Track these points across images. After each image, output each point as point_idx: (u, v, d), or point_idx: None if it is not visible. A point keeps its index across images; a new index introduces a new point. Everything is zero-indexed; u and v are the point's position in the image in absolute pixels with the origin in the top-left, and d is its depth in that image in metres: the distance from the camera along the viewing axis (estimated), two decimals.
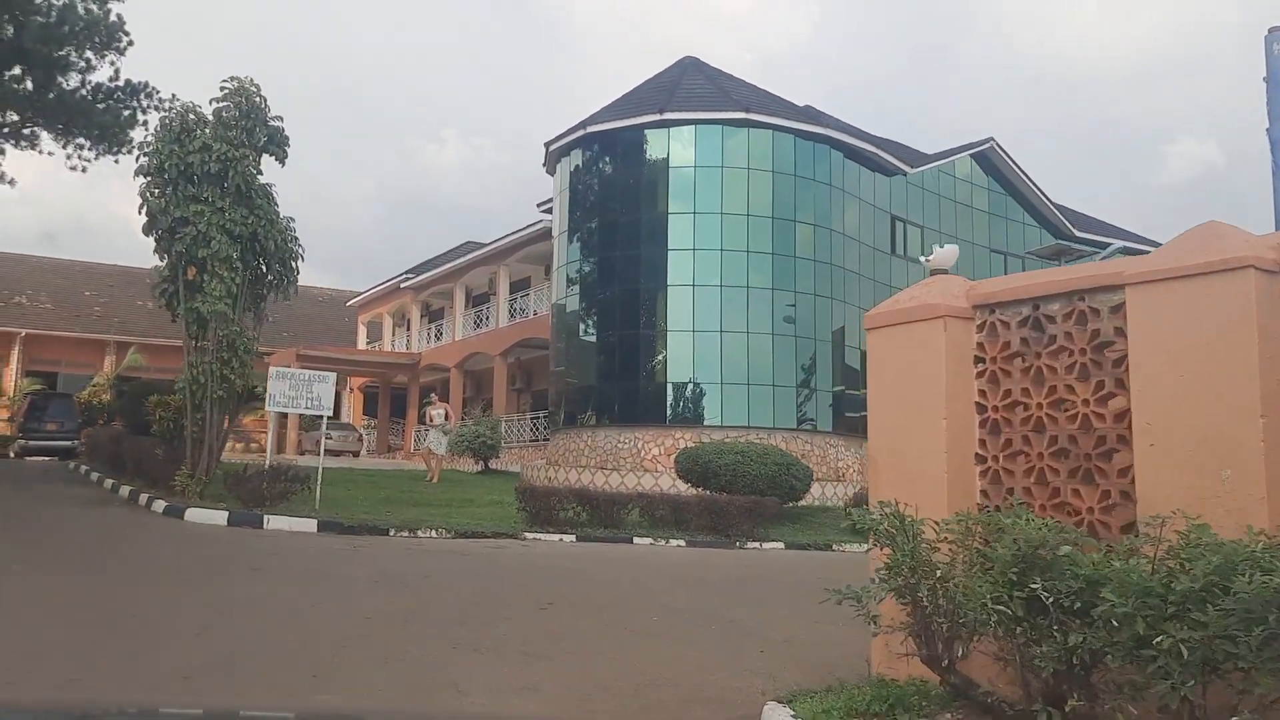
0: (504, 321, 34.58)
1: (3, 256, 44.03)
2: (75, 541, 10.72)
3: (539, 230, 31.95)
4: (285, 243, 15.30)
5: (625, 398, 24.87)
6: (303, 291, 51.28)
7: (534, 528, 15.57)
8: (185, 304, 14.70)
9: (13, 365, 39.80)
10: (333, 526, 14.02)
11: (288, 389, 15.05)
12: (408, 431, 39.77)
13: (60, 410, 28.97)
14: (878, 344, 5.53)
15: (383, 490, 19.54)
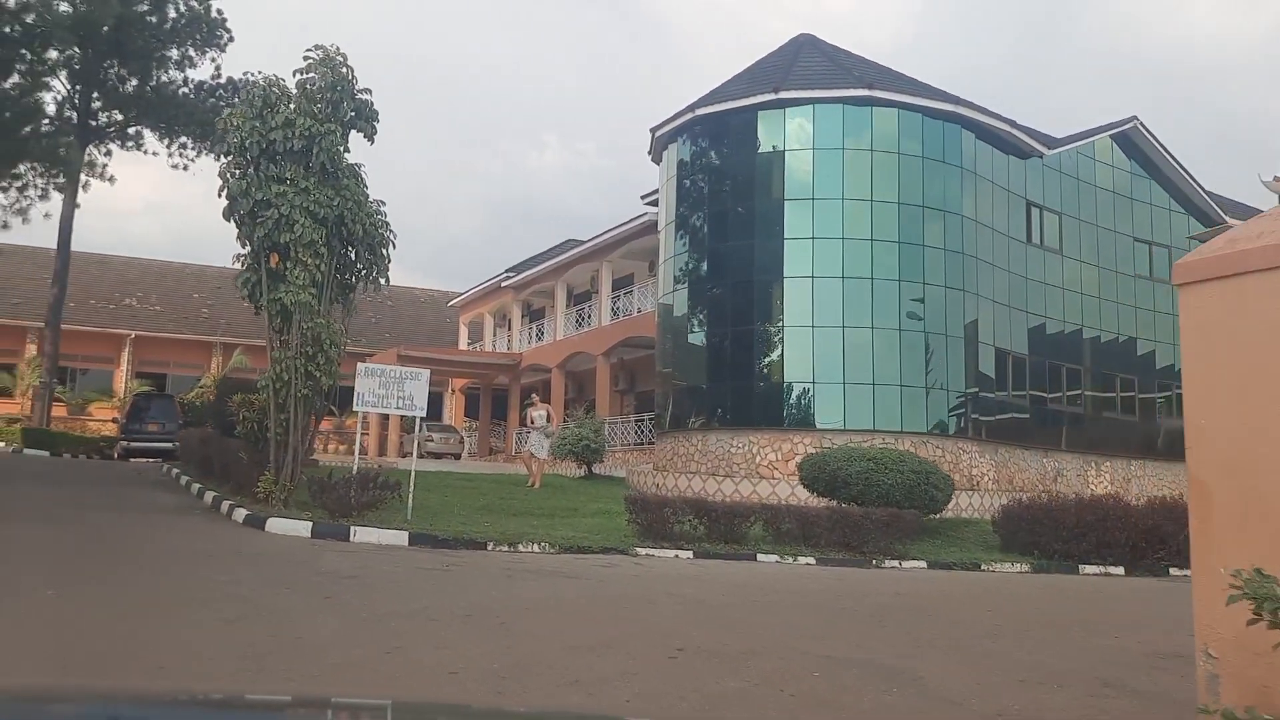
0: (606, 320, 33.02)
1: (115, 260, 44.32)
2: (134, 558, 9.34)
3: (643, 224, 30.30)
4: (375, 227, 13.87)
5: (738, 399, 22.99)
6: (404, 293, 50.83)
7: (646, 542, 13.85)
8: (268, 295, 13.37)
9: (123, 367, 39.83)
10: (425, 540, 12.51)
11: (377, 387, 13.60)
12: (509, 434, 38.52)
13: (161, 411, 28.37)
14: (1206, 304, 3.58)
15: (481, 497, 18.06)
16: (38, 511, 12.37)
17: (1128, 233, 28.85)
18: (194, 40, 29.83)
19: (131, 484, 16.96)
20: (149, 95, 29.97)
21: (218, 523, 12.73)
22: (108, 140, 31.59)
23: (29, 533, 10.40)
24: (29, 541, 9.76)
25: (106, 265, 43.04)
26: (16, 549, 9.28)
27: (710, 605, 9.19)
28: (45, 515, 12.06)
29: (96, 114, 30.60)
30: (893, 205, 22.68)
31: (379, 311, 46.76)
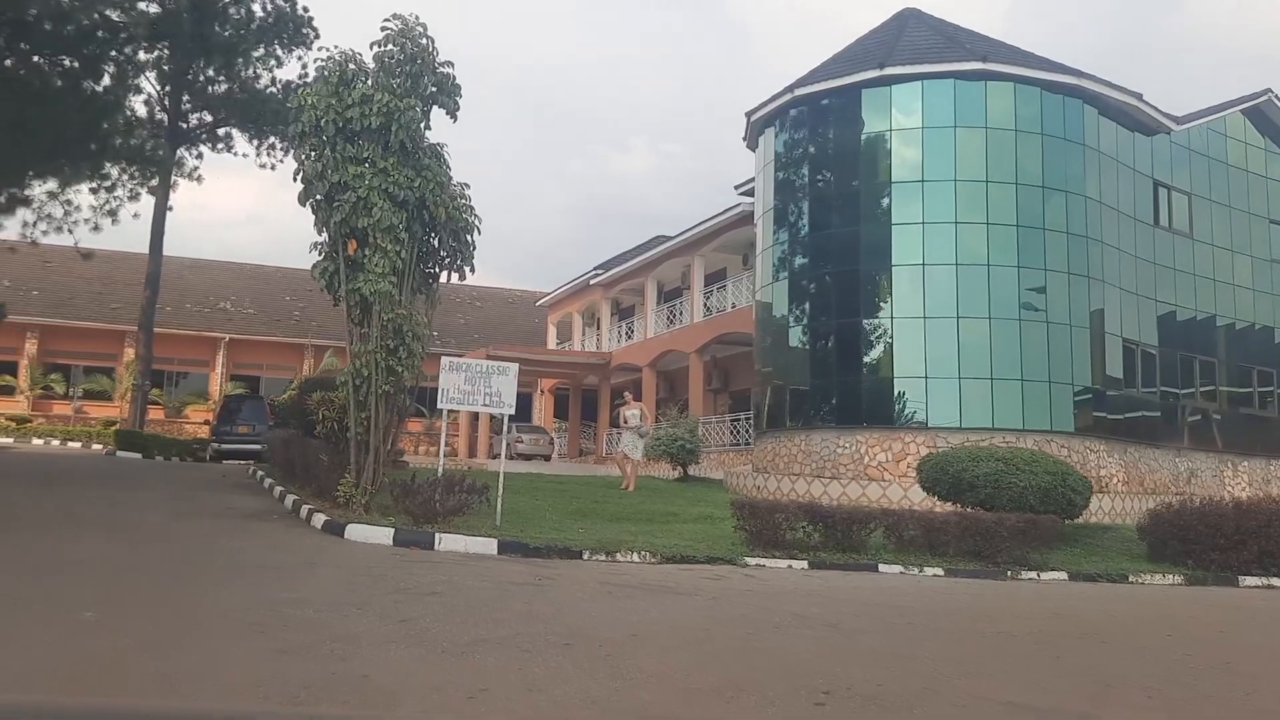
0: (699, 316, 31.70)
1: (209, 264, 44.53)
2: (194, 572, 8.35)
3: (737, 215, 28.93)
4: (458, 211, 12.78)
5: (843, 396, 21.46)
6: (491, 293, 50.22)
7: (755, 551, 12.52)
8: (346, 285, 12.38)
9: (218, 369, 39.87)
10: (515, 548, 11.36)
11: (462, 383, 12.51)
12: (599, 434, 37.48)
13: (252, 413, 27.94)
14: None
15: (574, 500, 16.90)
16: (106, 517, 11.57)
17: (1263, 214, 26.51)
18: (280, 39, 29.38)
19: (213, 487, 16.21)
20: (237, 96, 29.63)
21: (294, 529, 11.76)
22: (199, 143, 31.40)
23: (89, 542, 9.51)
24: (86, 552, 8.86)
25: (201, 270, 43.25)
26: (70, 561, 8.36)
27: (844, 630, 7.81)
28: (112, 522, 11.24)
29: (187, 115, 30.40)
30: (1009, 186, 20.94)
31: (467, 312, 46.23)
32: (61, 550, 8.89)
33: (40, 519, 11.06)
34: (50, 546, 9.05)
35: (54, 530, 10.18)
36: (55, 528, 10.36)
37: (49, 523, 10.76)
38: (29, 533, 9.92)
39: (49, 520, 10.96)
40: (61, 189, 22.77)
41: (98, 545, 9.30)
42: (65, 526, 10.50)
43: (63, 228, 24.70)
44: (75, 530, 10.28)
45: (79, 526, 10.55)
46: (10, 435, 33.42)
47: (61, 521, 10.89)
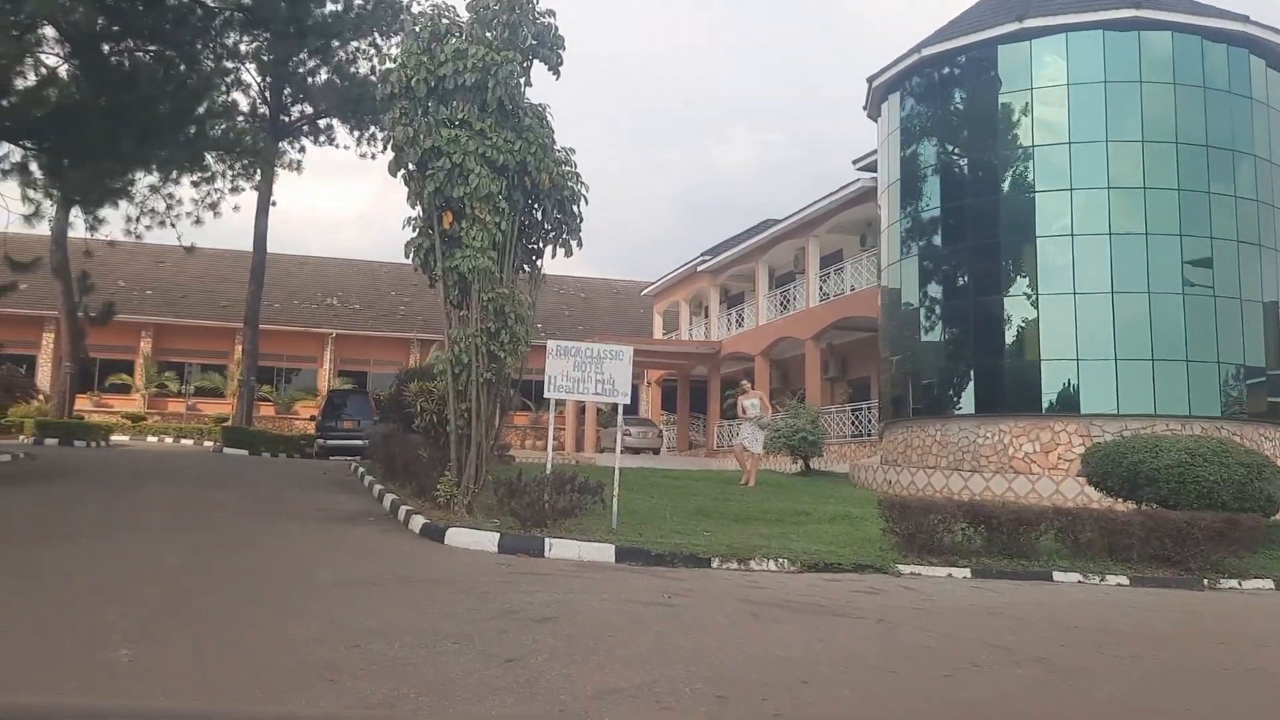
0: (814, 301, 29.86)
1: (316, 260, 44.41)
2: (267, 591, 7.10)
3: (855, 192, 27.04)
4: (564, 179, 11.38)
5: (983, 382, 19.47)
6: (595, 284, 49.05)
7: (908, 557, 10.83)
8: (443, 262, 11.10)
9: (325, 365, 39.58)
10: (635, 555, 9.92)
11: (571, 369, 11.10)
12: (710, 426, 35.94)
13: (357, 408, 27.17)
14: None
15: (692, 498, 15.42)
16: (187, 521, 10.51)
17: None
18: (379, 26, 28.52)
19: (309, 486, 15.20)
20: (337, 85, 28.92)
21: (390, 534, 10.52)
22: (300, 136, 30.87)
23: (157, 551, 8.39)
24: (150, 565, 7.71)
25: (308, 266, 43.12)
26: (131, 577, 7.20)
27: (1063, 669, 6.11)
28: (193, 525, 10.17)
29: (288, 108, 29.86)
30: (1168, 146, 18.67)
31: (570, 303, 45.20)
32: (125, 562, 7.76)
33: (116, 522, 10.05)
34: (113, 558, 7.93)
35: (126, 536, 9.11)
36: (127, 533, 9.30)
37: (123, 527, 9.73)
38: (98, 541, 8.86)
39: (124, 524, 9.93)
40: (162, 181, 22.25)
41: (167, 556, 8.16)
42: (139, 532, 9.43)
43: (165, 222, 24.33)
44: (148, 536, 9.20)
45: (153, 532, 9.48)
46: (127, 433, 33.51)
47: (137, 525, 9.85)
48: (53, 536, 8.88)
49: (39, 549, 8.08)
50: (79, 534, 9.12)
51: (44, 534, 9.06)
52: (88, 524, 9.88)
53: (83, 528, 9.55)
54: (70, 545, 8.44)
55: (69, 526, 9.61)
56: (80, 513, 10.77)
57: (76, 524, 9.80)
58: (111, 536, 9.02)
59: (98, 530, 9.42)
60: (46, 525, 9.69)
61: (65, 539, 8.76)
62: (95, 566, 7.51)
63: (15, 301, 34.06)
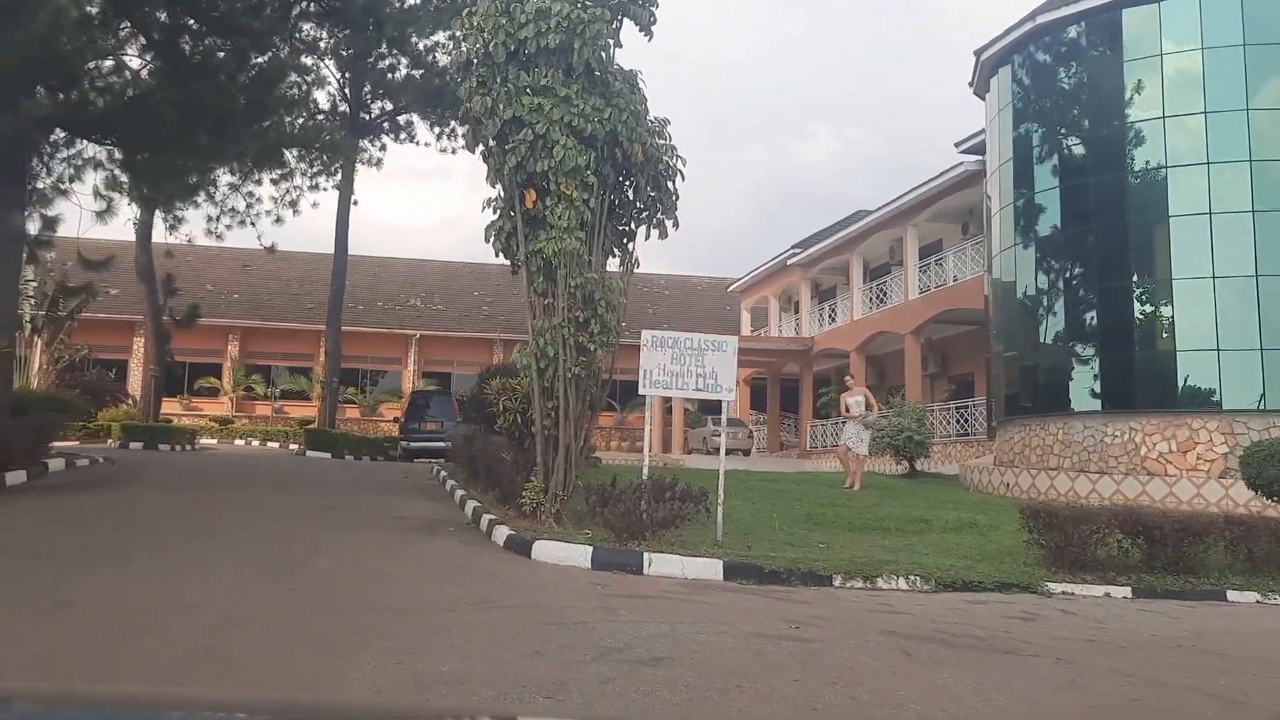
0: (913, 293, 28.19)
1: (399, 261, 44.06)
2: (333, 615, 6.05)
3: (957, 177, 25.34)
4: (658, 151, 10.19)
5: (1109, 375, 17.72)
6: (680, 281, 47.82)
7: (1057, 573, 9.43)
8: (525, 246, 10.00)
9: (409, 366, 39.12)
10: (746, 572, 8.70)
11: (669, 362, 9.91)
12: (801, 426, 34.45)
13: (440, 409, 26.40)
14: None
15: (796, 503, 14.11)
16: (256, 530, 9.58)
17: None
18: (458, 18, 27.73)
19: (388, 491, 14.27)
20: (416, 79, 28.21)
21: (471, 546, 9.44)
22: (381, 133, 30.28)
23: (217, 569, 7.42)
24: (204, 585, 6.72)
25: (391, 267, 42.75)
26: (177, 600, 6.22)
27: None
28: (258, 536, 9.22)
29: (368, 105, 29.28)
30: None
31: (654, 301, 44.08)
32: (174, 584, 6.79)
33: (176, 534, 9.16)
34: (161, 578, 6.97)
35: (182, 552, 8.18)
36: (184, 547, 8.38)
37: (182, 539, 8.83)
38: (152, 557, 7.94)
39: (184, 535, 9.04)
40: (241, 179, 21.72)
41: (222, 576, 7.17)
42: (198, 545, 8.51)
43: (246, 221, 23.86)
44: (207, 550, 8.25)
45: (214, 545, 8.54)
46: (214, 436, 33.40)
47: (198, 537, 8.94)
48: (101, 552, 7.99)
49: (81, 569, 7.18)
50: (133, 548, 8.22)
51: (94, 549, 8.19)
52: (145, 536, 9.00)
53: (139, 541, 8.66)
54: (117, 563, 7.52)
55: (124, 539, 8.74)
56: (141, 523, 9.93)
57: (133, 536, 8.93)
58: (167, 551, 8.10)
59: (154, 544, 8.53)
60: (101, 538, 8.84)
61: (115, 555, 7.86)
62: (137, 589, 6.55)
63: (107, 306, 34.27)
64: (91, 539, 8.70)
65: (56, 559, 7.62)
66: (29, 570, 7.14)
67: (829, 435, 32.49)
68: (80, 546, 8.23)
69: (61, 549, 8.05)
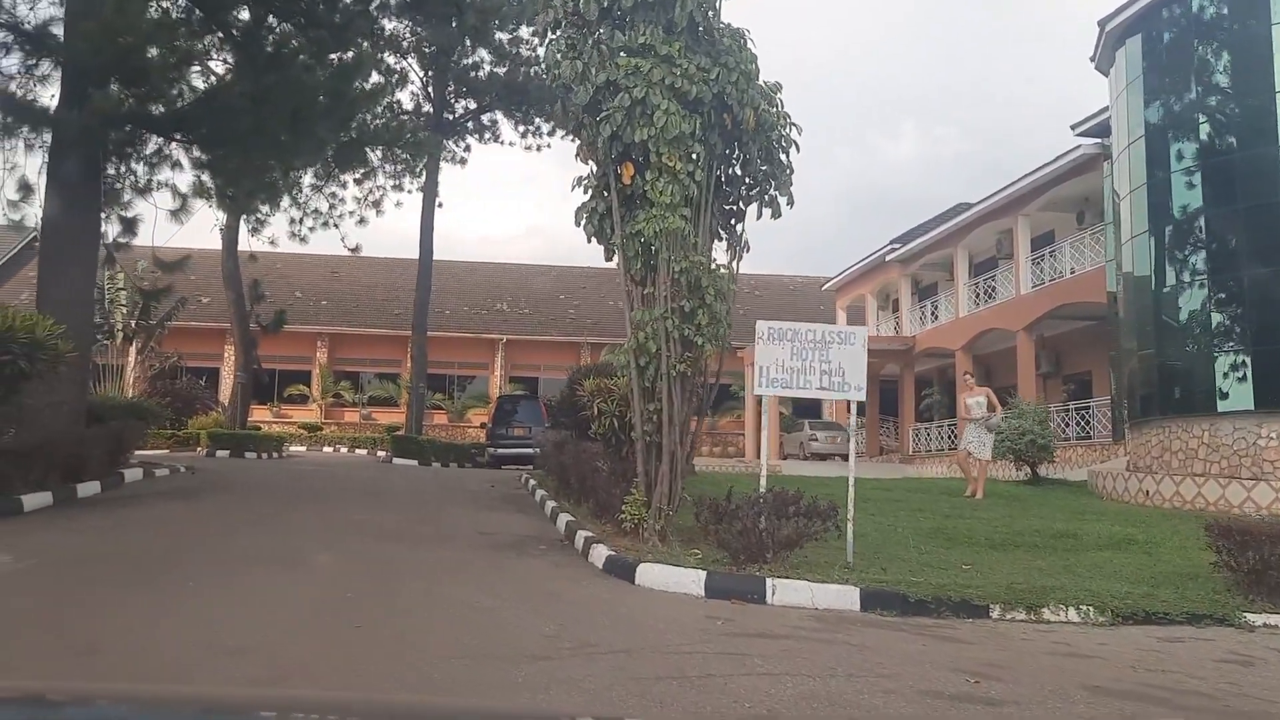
0: (1025, 288, 26.31)
1: (485, 266, 43.47)
2: (402, 664, 4.89)
3: (1074, 162, 23.48)
4: (771, 117, 8.92)
5: (1263, 371, 15.78)
6: (770, 280, 46.30)
7: (1253, 600, 7.86)
8: (622, 228, 8.82)
9: (496, 371, 38.39)
10: (887, 601, 7.37)
11: (788, 358, 8.60)
12: (903, 430, 32.72)
13: (527, 413, 25.44)
14: None
15: (918, 515, 12.67)
16: (328, 550, 8.55)
17: None
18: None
19: (474, 502, 13.22)
20: (500, 75, 27.37)
21: (568, 568, 8.27)
22: (465, 134, 29.55)
23: (276, 600, 6.37)
24: (257, 622, 5.67)
25: (477, 272, 42.14)
26: (221, 644, 5.15)
27: None
28: (331, 557, 8.18)
29: (451, 104, 28.55)
30: None
31: (746, 302, 42.59)
32: (224, 620, 5.74)
33: (241, 556, 8.17)
34: (210, 613, 5.93)
35: (242, 578, 7.18)
36: (247, 572, 7.37)
37: (246, 562, 7.83)
38: (207, 585, 6.93)
39: (249, 558, 8.04)
40: (324, 179, 21.05)
41: (279, 609, 6.13)
42: (263, 569, 7.49)
43: (329, 222, 23.26)
44: (271, 577, 7.23)
45: (279, 570, 7.51)
46: (303, 443, 33.07)
47: (264, 559, 7.94)
48: (147, 577, 7.02)
49: (119, 599, 6.20)
50: (185, 573, 7.24)
51: (141, 573, 7.23)
52: (203, 557, 8.03)
53: (194, 563, 7.69)
54: (161, 593, 6.52)
55: (178, 561, 7.77)
56: (203, 541, 8.99)
57: (189, 558, 7.97)
58: (221, 578, 7.10)
59: (210, 567, 7.54)
60: (153, 559, 7.90)
61: (161, 582, 6.88)
62: (175, 628, 5.51)
63: (199, 314, 34.26)
64: (143, 560, 7.76)
65: (98, 585, 6.66)
66: (65, 599, 6.19)
67: (934, 439, 30.74)
68: (127, 570, 7.28)
69: (106, 573, 7.11)
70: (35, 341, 10.22)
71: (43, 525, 9.57)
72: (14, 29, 13.28)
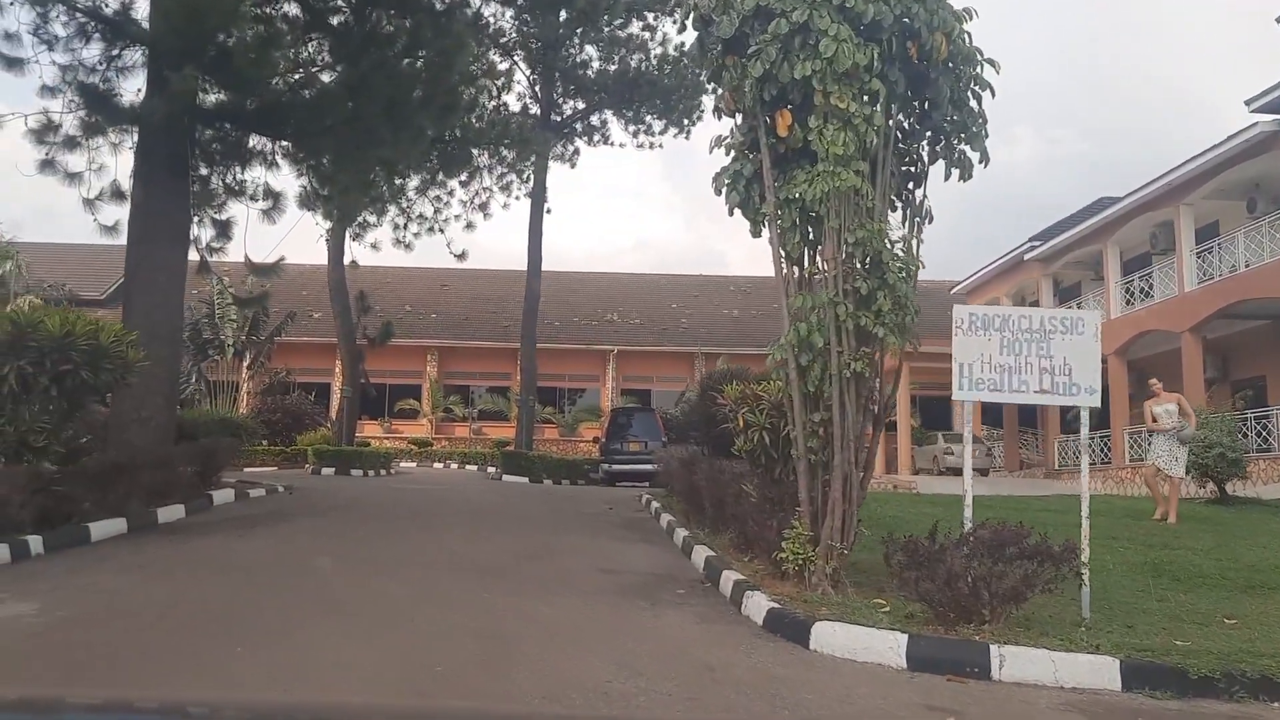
0: (1189, 284, 23.42)
1: (594, 276, 42.10)
2: None
3: (1246, 143, 20.68)
4: (967, 49, 6.95)
5: None
6: None
7: None
8: (775, 192, 6.97)
9: (607, 384, 36.84)
10: (1157, 678, 5.36)
11: (997, 353, 6.60)
12: (1047, 442, 29.91)
13: (643, 427, 23.72)
14: None
15: (1116, 545, 10.41)
16: (421, 596, 6.88)
17: None
18: (656, 7, 25.21)
19: (593, 526, 11.45)
20: (611, 74, 25.84)
21: (717, 625, 6.40)
22: (573, 136, 28.11)
23: (332, 677, 4.69)
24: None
25: (586, 282, 40.75)
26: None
27: None
28: (423, 605, 6.48)
29: (559, 105, 27.14)
30: None
31: None
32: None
33: (316, 601, 6.57)
34: (257, 686, 4.27)
35: (310, 634, 5.54)
36: (315, 627, 5.73)
37: (320, 611, 6.21)
38: (258, 654, 5.30)
39: (325, 604, 6.43)
40: (428, 182, 19.76)
41: (342, 690, 4.42)
42: (333, 624, 5.85)
43: (434, 227, 22.01)
44: (342, 632, 5.58)
45: (355, 624, 5.87)
46: (414, 459, 32.05)
47: (340, 609, 6.31)
48: (188, 640, 5.44)
49: (147, 669, 4.60)
50: (238, 630, 5.65)
51: (187, 631, 5.66)
52: (268, 604, 6.45)
53: (254, 614, 6.10)
54: (199, 663, 4.90)
55: (236, 611, 6.19)
56: (274, 581, 7.41)
57: (251, 606, 6.39)
58: (282, 636, 5.48)
59: (271, 620, 5.94)
60: (206, 610, 6.34)
61: (204, 648, 5.27)
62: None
63: (309, 329, 33.64)
64: (191, 612, 6.20)
65: (121, 653, 5.10)
66: (75, 671, 4.64)
67: (1078, 452, 27.88)
68: (165, 629, 5.73)
69: (138, 631, 5.56)
70: (99, 349, 8.87)
71: (101, 559, 8.19)
72: (93, 14, 12.19)
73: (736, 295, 40.48)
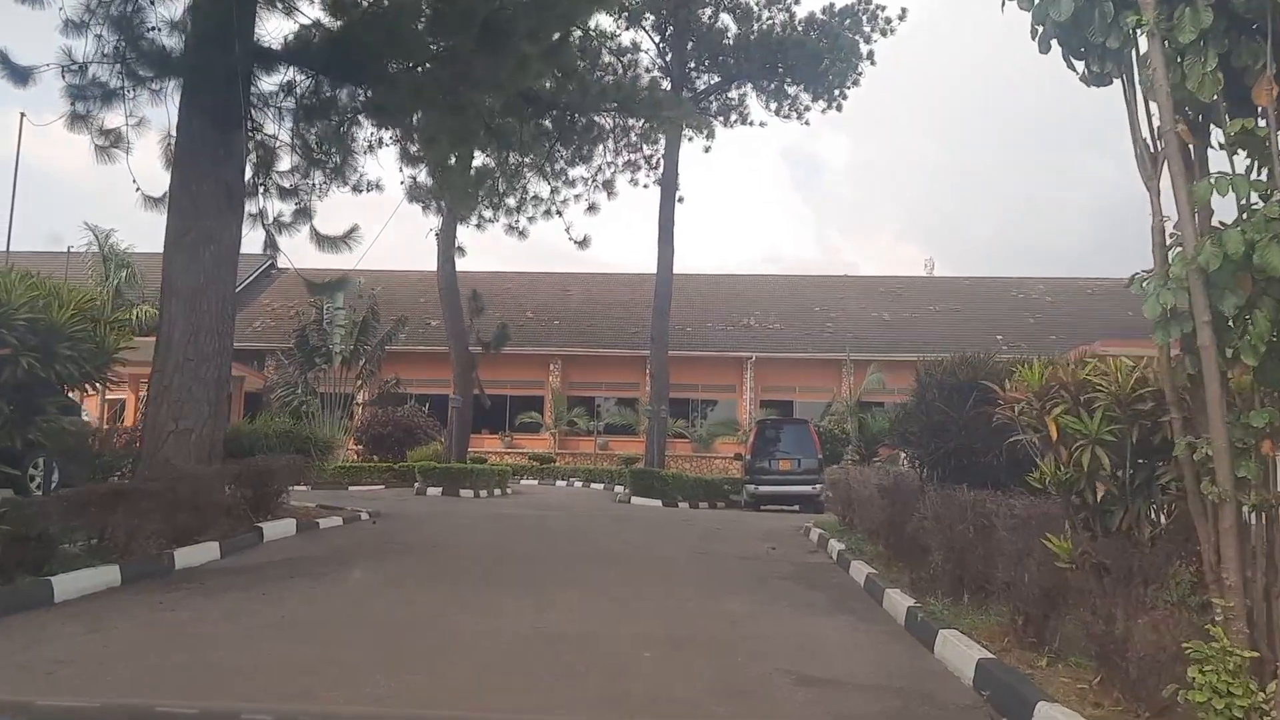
0: None
1: (728, 279, 38.75)
2: None
3: None
4: None
5: None
6: (1064, 283, 38.85)
7: None
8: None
9: (745, 394, 33.40)
10: None
11: None
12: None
13: (794, 443, 20.25)
14: None
15: None
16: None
17: None
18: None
19: (758, 584, 8.07)
20: (751, 40, 22.52)
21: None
22: (709, 115, 24.87)
23: None
24: None
25: (722, 285, 37.43)
26: None
27: None
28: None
29: (692, 79, 23.95)
30: None
31: (1034, 310, 35.86)
32: None
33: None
34: None
35: None
36: None
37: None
38: None
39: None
40: (544, 157, 16.79)
41: None
42: None
43: (550, 210, 19.14)
44: None
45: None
46: (535, 476, 29.33)
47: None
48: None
49: None
50: None
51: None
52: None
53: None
54: None
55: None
56: (270, 687, 4.35)
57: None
58: None
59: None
60: None
61: None
62: None
63: (426, 338, 31.39)
64: None
65: None
66: None
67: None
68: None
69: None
70: (51, 328, 6.04)
71: (43, 638, 5.32)
72: None
73: (887, 297, 36.57)
